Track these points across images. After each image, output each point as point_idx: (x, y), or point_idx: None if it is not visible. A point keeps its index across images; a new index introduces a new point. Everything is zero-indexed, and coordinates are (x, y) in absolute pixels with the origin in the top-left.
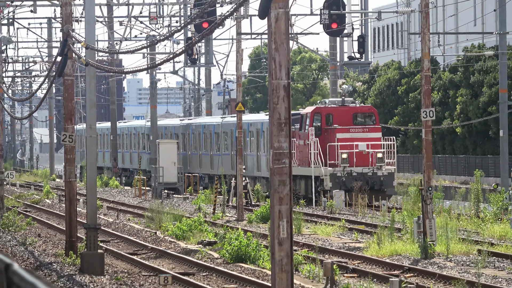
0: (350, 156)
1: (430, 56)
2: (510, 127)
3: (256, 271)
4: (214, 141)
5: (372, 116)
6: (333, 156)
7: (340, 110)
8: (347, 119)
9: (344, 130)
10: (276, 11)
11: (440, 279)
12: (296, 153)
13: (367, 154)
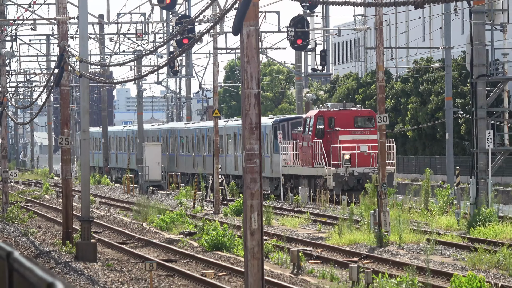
0: (352, 157)
1: (384, 68)
2: (455, 131)
3: (231, 258)
4: (195, 143)
5: (371, 119)
6: (336, 157)
7: (342, 114)
8: (349, 122)
9: (347, 132)
10: (247, 28)
11: (393, 265)
12: (299, 154)
13: (368, 155)
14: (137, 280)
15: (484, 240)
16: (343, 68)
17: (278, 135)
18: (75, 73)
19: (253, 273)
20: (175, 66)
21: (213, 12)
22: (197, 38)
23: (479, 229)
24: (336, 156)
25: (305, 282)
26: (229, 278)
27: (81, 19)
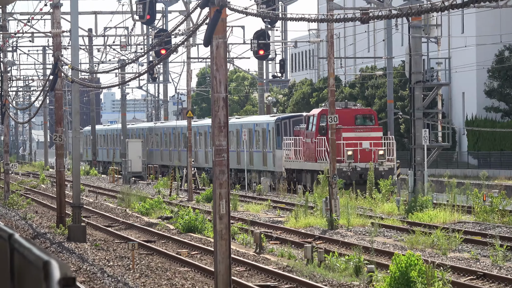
0: (355, 153)
1: (334, 75)
2: (395, 129)
3: (203, 239)
4: (172, 140)
5: (372, 117)
6: (339, 152)
7: (343, 112)
8: (350, 119)
9: (349, 129)
10: (216, 40)
11: (342, 245)
12: (302, 150)
13: (369, 151)
14: (121, 258)
15: (420, 223)
16: (299, 75)
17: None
18: (68, 79)
19: (221, 252)
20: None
21: (187, 26)
22: (173, 49)
23: (416, 214)
24: (339, 151)
25: (266, 260)
26: (200, 256)
27: (73, 33)
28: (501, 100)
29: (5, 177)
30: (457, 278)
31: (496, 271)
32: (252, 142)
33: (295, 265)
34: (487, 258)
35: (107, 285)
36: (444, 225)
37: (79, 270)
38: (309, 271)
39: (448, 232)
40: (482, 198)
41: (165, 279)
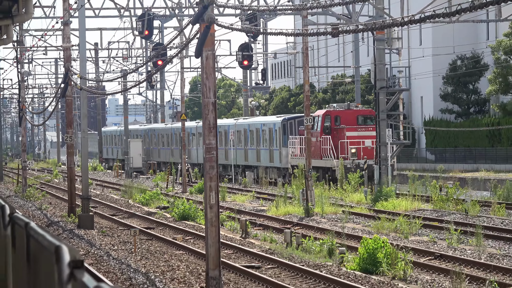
0: (358, 150)
1: (309, 82)
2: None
3: (195, 226)
4: (168, 139)
5: (372, 117)
6: (344, 150)
7: (346, 113)
8: (352, 120)
9: (353, 129)
10: (206, 52)
11: (317, 230)
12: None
13: (371, 149)
14: (124, 243)
15: (385, 211)
16: (279, 82)
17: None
18: (77, 87)
19: (212, 237)
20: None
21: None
22: (168, 60)
23: (381, 203)
24: (343, 150)
25: (251, 244)
26: (193, 241)
27: (81, 46)
28: (455, 103)
29: (23, 172)
30: (417, 259)
31: (451, 252)
32: (260, 141)
33: (276, 248)
34: (443, 241)
35: (112, 266)
36: (405, 212)
37: (87, 254)
38: (288, 253)
39: (409, 219)
40: (439, 188)
41: (163, 261)
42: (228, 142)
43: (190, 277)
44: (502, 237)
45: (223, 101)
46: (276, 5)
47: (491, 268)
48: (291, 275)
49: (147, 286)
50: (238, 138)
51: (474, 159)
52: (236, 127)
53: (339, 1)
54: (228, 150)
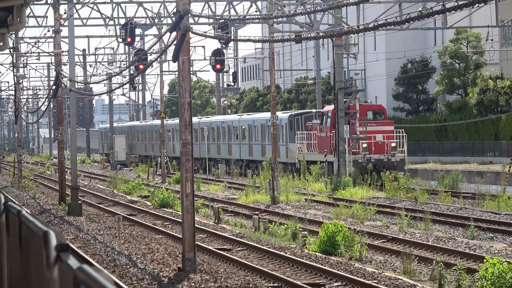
0: (369, 145)
1: (275, 84)
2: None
3: (173, 213)
4: (149, 135)
5: (382, 112)
6: (355, 145)
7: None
8: (361, 115)
9: (364, 124)
10: (182, 57)
11: (282, 216)
12: (317, 143)
13: (382, 144)
14: (109, 228)
15: (343, 199)
16: (248, 84)
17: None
18: (67, 88)
19: (187, 223)
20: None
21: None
22: (149, 64)
23: (340, 192)
24: (355, 144)
25: (223, 229)
26: (171, 226)
27: (70, 52)
28: (406, 102)
29: (18, 165)
30: (372, 241)
31: (402, 236)
32: (265, 136)
33: (246, 232)
34: (395, 226)
35: (98, 249)
36: (362, 200)
37: (76, 238)
38: (257, 237)
39: (365, 206)
40: (391, 179)
41: (144, 244)
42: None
43: (168, 259)
44: (447, 222)
45: (198, 101)
46: (246, 15)
47: (438, 249)
48: (259, 257)
49: (130, 266)
50: (242, 134)
51: (423, 152)
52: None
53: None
54: (231, 145)
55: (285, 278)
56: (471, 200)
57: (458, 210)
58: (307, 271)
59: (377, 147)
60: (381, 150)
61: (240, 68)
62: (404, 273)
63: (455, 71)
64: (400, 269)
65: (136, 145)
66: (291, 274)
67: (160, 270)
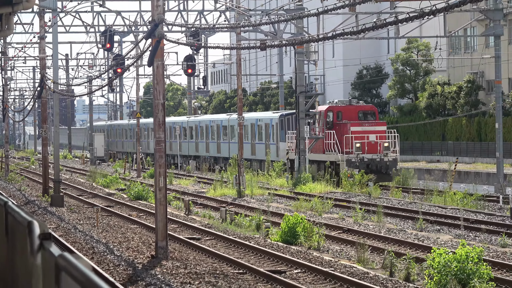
0: (362, 145)
1: (242, 87)
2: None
3: (147, 205)
4: (125, 133)
5: (373, 113)
6: (348, 145)
7: (348, 108)
8: (354, 115)
9: (357, 124)
10: (157, 62)
11: (247, 208)
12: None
13: (375, 144)
14: (89, 218)
15: (303, 193)
16: (217, 87)
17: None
18: (50, 90)
19: (160, 214)
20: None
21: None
22: (126, 68)
23: (300, 187)
24: (348, 144)
25: (193, 219)
26: (145, 217)
27: (54, 57)
28: None
29: (5, 160)
30: (329, 232)
31: (356, 227)
32: (255, 135)
33: (214, 223)
34: (350, 218)
35: (78, 238)
36: (320, 194)
37: (58, 227)
38: (224, 227)
39: (323, 200)
40: (347, 175)
41: (120, 233)
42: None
43: (142, 247)
44: (398, 215)
45: (171, 102)
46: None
47: (389, 240)
48: (225, 245)
49: (107, 254)
50: (231, 133)
51: None
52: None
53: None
54: (220, 144)
55: (249, 265)
56: (420, 195)
57: (408, 204)
58: (270, 259)
59: (370, 147)
60: (374, 150)
61: (210, 72)
62: (358, 261)
63: (406, 77)
64: (354, 258)
65: (114, 142)
66: (255, 262)
67: (135, 257)
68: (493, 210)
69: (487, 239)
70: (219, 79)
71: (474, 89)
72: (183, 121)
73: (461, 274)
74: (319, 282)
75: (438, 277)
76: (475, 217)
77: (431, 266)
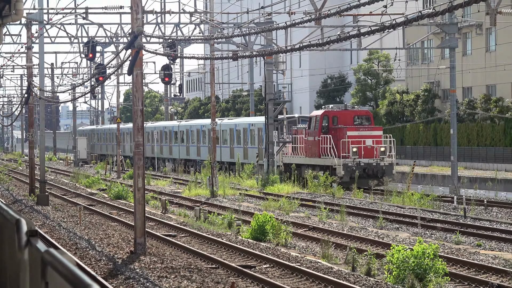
0: (359, 149)
1: (215, 95)
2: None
3: (127, 204)
4: (106, 137)
5: (368, 118)
6: (345, 149)
7: (343, 113)
8: (349, 120)
9: (353, 128)
10: (136, 71)
11: (220, 207)
12: (304, 147)
13: (372, 148)
14: (72, 216)
15: (272, 194)
16: (192, 94)
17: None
18: (37, 96)
19: (139, 212)
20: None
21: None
22: (107, 77)
23: (269, 188)
24: (345, 148)
25: (169, 218)
26: (125, 215)
27: (40, 66)
28: None
29: None
30: (296, 230)
31: (321, 225)
32: (247, 140)
33: (188, 221)
34: (316, 217)
35: (62, 234)
36: (287, 194)
37: (44, 224)
38: (198, 225)
39: (290, 199)
40: (313, 176)
41: (101, 230)
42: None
43: (122, 243)
44: (360, 214)
45: (149, 108)
46: (190, 36)
47: (352, 237)
48: (199, 242)
49: (89, 249)
50: (223, 137)
51: None
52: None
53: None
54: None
55: (221, 261)
56: (380, 196)
57: (369, 204)
58: (241, 255)
59: (366, 151)
60: (371, 154)
61: (185, 81)
62: (323, 257)
63: (367, 86)
64: (319, 254)
65: (96, 146)
66: (227, 257)
67: (115, 253)
68: (448, 209)
69: (442, 236)
70: (194, 87)
71: (430, 97)
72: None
73: (418, 269)
74: (286, 276)
75: (397, 272)
76: (431, 216)
77: (390, 262)
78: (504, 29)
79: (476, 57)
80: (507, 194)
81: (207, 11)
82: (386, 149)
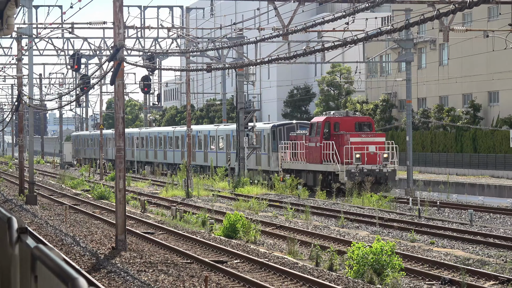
0: (362, 156)
1: (190, 103)
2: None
3: (109, 203)
4: (90, 142)
5: (370, 124)
6: (348, 155)
7: (345, 120)
8: (351, 126)
9: (356, 135)
10: (118, 81)
11: (195, 207)
12: (304, 153)
13: (375, 155)
14: (58, 215)
15: (242, 194)
16: (169, 103)
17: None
18: (26, 104)
19: (120, 211)
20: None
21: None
22: (91, 86)
23: (239, 189)
24: (347, 155)
25: (148, 217)
26: (107, 214)
27: (29, 76)
28: (292, 120)
29: None
30: (264, 228)
31: (287, 224)
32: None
33: (166, 220)
34: (283, 216)
35: (49, 231)
36: (257, 195)
37: (32, 222)
38: (174, 223)
39: (259, 200)
40: (280, 179)
41: (85, 227)
42: (207, 146)
43: (104, 239)
44: (323, 214)
45: (130, 116)
46: (168, 49)
47: (315, 235)
48: (175, 239)
49: (74, 245)
50: (218, 143)
51: None
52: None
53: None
54: (207, 153)
55: (196, 256)
56: (341, 197)
57: (332, 205)
58: (214, 251)
59: (369, 157)
60: (374, 160)
61: (163, 90)
62: (289, 253)
63: (330, 96)
64: (286, 250)
65: (80, 150)
66: (201, 253)
67: (98, 249)
68: (403, 210)
69: (399, 235)
70: (171, 96)
71: (388, 107)
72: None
73: (377, 265)
74: (255, 270)
75: (357, 267)
76: (388, 216)
77: (351, 258)
78: (455, 45)
79: (430, 70)
80: (458, 196)
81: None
82: (389, 155)
